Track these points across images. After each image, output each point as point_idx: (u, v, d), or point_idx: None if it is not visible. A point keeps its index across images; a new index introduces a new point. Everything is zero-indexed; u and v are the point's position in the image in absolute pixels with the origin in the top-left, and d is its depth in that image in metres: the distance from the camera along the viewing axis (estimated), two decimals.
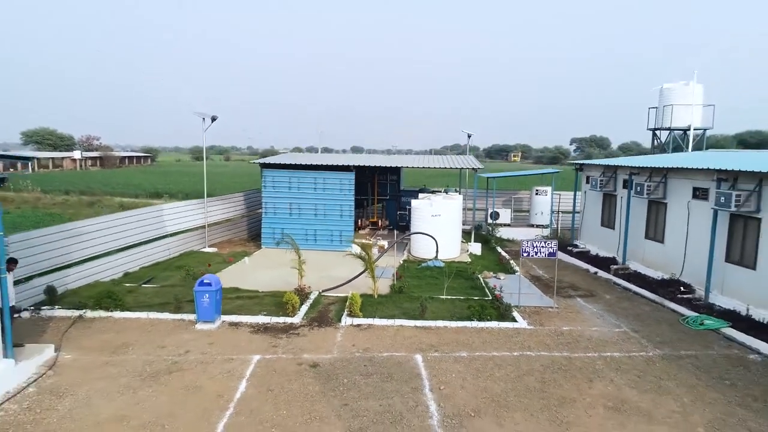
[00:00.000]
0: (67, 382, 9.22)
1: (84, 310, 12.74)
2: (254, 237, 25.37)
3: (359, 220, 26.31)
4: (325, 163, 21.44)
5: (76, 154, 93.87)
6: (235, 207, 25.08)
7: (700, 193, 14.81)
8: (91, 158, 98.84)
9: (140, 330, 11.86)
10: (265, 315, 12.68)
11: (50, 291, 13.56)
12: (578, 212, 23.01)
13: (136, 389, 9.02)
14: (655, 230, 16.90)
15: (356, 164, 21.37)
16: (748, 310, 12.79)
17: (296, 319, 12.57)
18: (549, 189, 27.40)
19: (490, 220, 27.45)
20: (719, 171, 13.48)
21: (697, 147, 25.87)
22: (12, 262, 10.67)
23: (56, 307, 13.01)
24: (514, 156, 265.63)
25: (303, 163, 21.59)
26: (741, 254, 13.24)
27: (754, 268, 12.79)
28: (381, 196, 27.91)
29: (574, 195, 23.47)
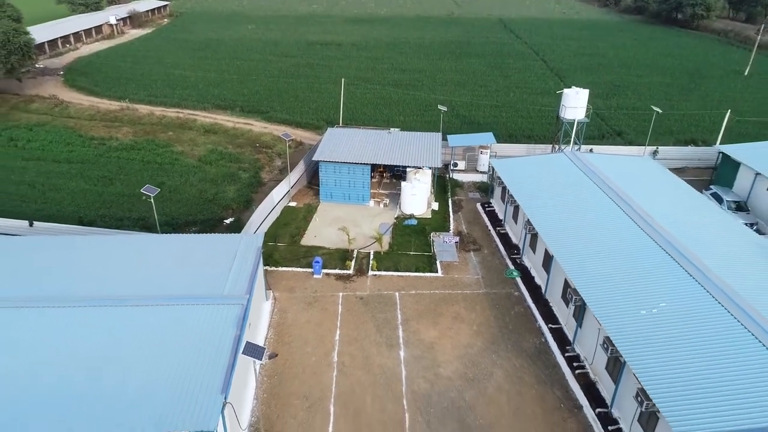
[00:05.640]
0: (284, 308, 28.86)
1: (266, 266, 31.85)
2: (310, 184, 43.44)
3: (372, 172, 43.75)
4: (354, 161, 38.48)
5: (112, 19, 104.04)
6: (300, 170, 42.63)
7: None
8: (122, 20, 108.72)
9: (293, 278, 31.20)
10: (339, 270, 31.83)
11: None
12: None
13: (307, 309, 28.70)
14: (515, 215, 35.04)
15: (371, 162, 38.60)
16: (531, 270, 31.86)
17: (351, 271, 31.79)
18: (488, 150, 44.20)
19: (452, 168, 45.00)
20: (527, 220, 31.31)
21: (579, 132, 42.25)
22: None
23: None
24: None
25: (342, 161, 38.58)
26: (532, 245, 31.80)
27: (534, 252, 31.49)
28: None
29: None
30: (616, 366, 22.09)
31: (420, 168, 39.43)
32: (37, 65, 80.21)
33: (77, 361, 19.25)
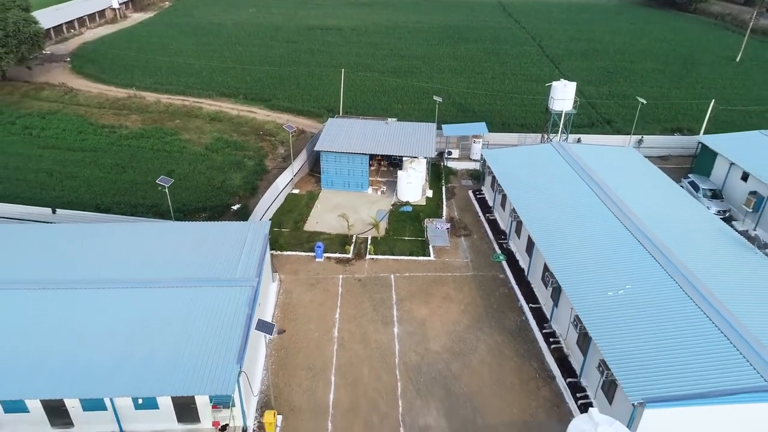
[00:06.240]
0: (289, 289, 31.65)
1: (272, 251, 34.52)
2: (311, 172, 45.91)
3: (370, 161, 46.17)
4: (353, 151, 40.92)
5: (114, 3, 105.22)
6: (302, 159, 45.06)
7: None
8: (124, 3, 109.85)
9: (297, 262, 33.93)
10: (339, 254, 34.54)
11: None
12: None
13: (310, 290, 31.52)
14: (503, 203, 37.60)
15: (369, 152, 41.03)
16: (516, 254, 34.54)
17: (350, 255, 34.49)
18: (480, 139, 46.54)
19: (446, 156, 47.42)
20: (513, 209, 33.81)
21: (567, 122, 44.54)
22: None
23: None
24: None
25: (342, 150, 41.02)
26: (517, 232, 34.42)
27: (519, 238, 34.13)
28: None
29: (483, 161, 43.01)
30: (584, 341, 24.88)
31: (415, 157, 41.88)
32: (44, 51, 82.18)
33: (110, 336, 22.07)
